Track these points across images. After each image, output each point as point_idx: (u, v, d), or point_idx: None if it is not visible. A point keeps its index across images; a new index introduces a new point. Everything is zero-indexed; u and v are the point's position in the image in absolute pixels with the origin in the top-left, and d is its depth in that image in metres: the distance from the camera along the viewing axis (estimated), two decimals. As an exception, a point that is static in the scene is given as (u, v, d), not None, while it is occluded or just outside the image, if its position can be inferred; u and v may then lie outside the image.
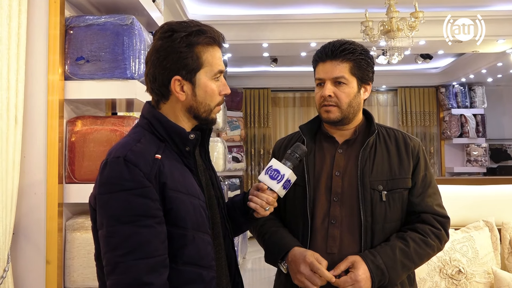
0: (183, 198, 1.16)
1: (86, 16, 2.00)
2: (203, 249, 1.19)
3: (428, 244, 1.46)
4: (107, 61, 1.96)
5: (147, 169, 1.12)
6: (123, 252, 1.08)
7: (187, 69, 1.20)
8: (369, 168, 1.48)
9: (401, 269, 1.42)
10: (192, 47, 1.19)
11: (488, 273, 2.14)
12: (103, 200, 1.12)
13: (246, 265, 5.81)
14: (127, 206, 1.09)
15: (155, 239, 1.10)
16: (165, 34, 1.20)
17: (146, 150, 1.16)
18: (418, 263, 1.47)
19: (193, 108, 1.24)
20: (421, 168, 1.53)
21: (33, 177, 1.90)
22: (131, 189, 1.10)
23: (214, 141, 4.55)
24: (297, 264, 1.41)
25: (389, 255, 1.40)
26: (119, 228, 1.09)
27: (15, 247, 1.87)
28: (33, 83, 1.91)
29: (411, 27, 4.36)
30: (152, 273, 1.08)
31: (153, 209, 1.11)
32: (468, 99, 8.17)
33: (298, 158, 1.39)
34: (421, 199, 1.50)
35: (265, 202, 1.33)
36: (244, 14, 5.48)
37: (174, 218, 1.14)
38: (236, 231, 1.47)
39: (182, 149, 1.22)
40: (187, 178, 1.20)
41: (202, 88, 1.23)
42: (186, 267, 1.16)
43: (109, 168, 1.13)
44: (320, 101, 1.53)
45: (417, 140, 1.59)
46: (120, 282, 1.08)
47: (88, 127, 1.96)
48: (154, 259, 1.09)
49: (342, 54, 1.50)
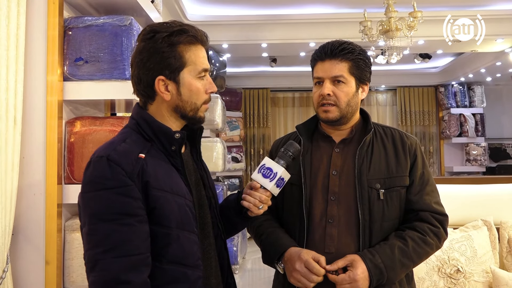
0: (167, 197, 1.16)
1: (85, 17, 2.00)
2: (188, 248, 1.19)
3: (427, 242, 1.46)
4: (106, 62, 1.97)
5: (130, 168, 1.13)
6: (103, 249, 1.09)
7: (170, 69, 1.21)
8: (366, 167, 1.49)
9: (399, 268, 1.42)
10: (174, 47, 1.20)
11: (487, 272, 2.14)
12: (85, 198, 1.14)
13: (246, 265, 5.81)
14: (108, 204, 1.11)
15: (136, 238, 1.11)
16: (147, 35, 1.21)
17: (130, 149, 1.17)
18: (417, 261, 1.47)
19: (179, 107, 1.25)
20: (419, 166, 1.53)
21: (32, 178, 1.91)
22: (113, 188, 1.11)
23: (213, 141, 4.55)
24: (293, 263, 1.41)
25: (388, 255, 1.40)
26: (100, 226, 1.10)
27: (14, 247, 1.87)
28: (32, 84, 1.91)
29: (410, 26, 4.36)
30: (131, 271, 1.09)
31: (135, 207, 1.12)
32: (467, 99, 8.18)
33: (291, 156, 1.39)
34: (419, 197, 1.50)
35: (258, 201, 1.33)
36: (243, 14, 5.48)
37: (157, 217, 1.15)
38: (231, 230, 1.47)
39: (168, 148, 1.22)
40: (173, 177, 1.21)
41: (186, 87, 1.23)
42: (170, 266, 1.16)
43: (92, 167, 1.15)
44: (318, 100, 1.53)
45: (414, 138, 1.59)
46: (100, 280, 1.09)
47: (87, 128, 1.96)
48: (134, 257, 1.10)
49: (341, 53, 1.50)
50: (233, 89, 7.95)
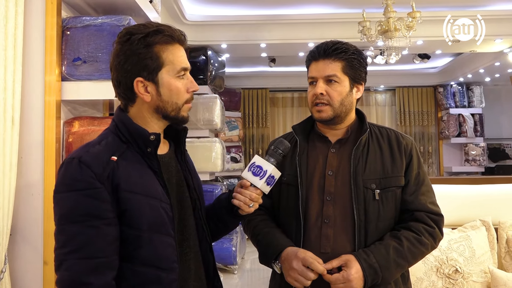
0: (139, 199, 1.16)
1: (83, 17, 2.00)
2: (162, 250, 1.18)
3: (422, 242, 1.46)
4: (104, 62, 1.97)
5: (99, 170, 1.13)
6: (67, 250, 1.10)
7: (148, 70, 1.20)
8: (361, 167, 1.49)
9: (394, 268, 1.42)
10: (151, 47, 1.20)
11: (485, 272, 2.14)
12: (56, 199, 1.15)
13: (245, 265, 5.80)
14: (76, 206, 1.11)
15: (101, 240, 1.11)
16: (123, 38, 1.21)
17: (102, 151, 1.17)
18: (412, 262, 1.48)
19: (160, 107, 1.24)
20: (414, 166, 1.53)
21: (30, 178, 1.90)
22: (81, 190, 1.11)
23: (212, 141, 4.55)
24: (290, 261, 1.41)
25: (383, 254, 1.40)
26: (67, 227, 1.11)
27: (12, 248, 1.87)
28: (30, 84, 1.91)
29: (409, 27, 4.36)
30: (92, 273, 1.09)
31: (102, 210, 1.12)
32: (466, 99, 8.18)
33: (281, 153, 1.39)
34: (415, 197, 1.50)
35: (249, 199, 1.33)
36: (242, 14, 5.48)
37: (128, 219, 1.15)
38: (223, 230, 1.47)
39: (144, 150, 1.22)
40: (148, 180, 1.20)
41: (166, 87, 1.22)
42: (142, 268, 1.16)
43: (64, 168, 1.16)
44: (312, 99, 1.54)
45: (410, 139, 1.59)
46: (63, 279, 1.10)
47: (85, 128, 1.96)
48: (98, 260, 1.10)
49: (334, 53, 1.51)
50: (232, 89, 7.94)
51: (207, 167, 4.56)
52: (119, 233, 1.15)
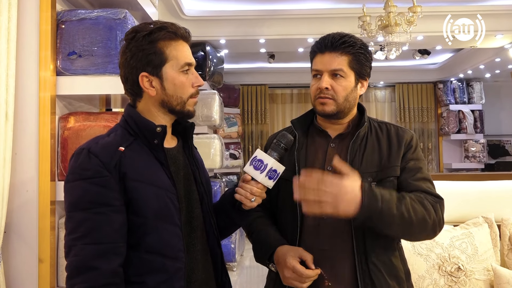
0: (145, 188, 1.20)
1: (78, 10, 1.96)
2: (167, 239, 1.22)
3: (424, 205, 1.36)
4: (100, 56, 1.93)
5: (107, 159, 1.18)
6: (76, 236, 1.14)
7: (152, 65, 1.25)
8: (358, 160, 1.44)
9: (395, 209, 1.30)
10: (154, 43, 1.25)
11: (488, 270, 2.11)
12: (66, 188, 1.20)
13: (244, 262, 5.78)
14: (84, 193, 1.16)
15: (107, 226, 1.15)
16: (129, 36, 1.27)
17: (110, 143, 1.22)
18: (413, 217, 1.33)
19: (165, 102, 1.28)
20: (410, 156, 1.47)
21: (24, 175, 1.87)
22: (89, 178, 1.16)
23: (211, 138, 4.51)
24: (281, 269, 1.39)
25: (386, 192, 1.32)
26: (75, 214, 1.16)
27: (6, 245, 1.84)
28: (24, 78, 1.87)
29: (409, 22, 4.32)
30: (100, 258, 1.13)
31: (109, 198, 1.16)
32: (466, 95, 8.15)
33: (284, 147, 1.37)
34: (412, 180, 1.43)
35: (249, 193, 1.31)
36: (240, 10, 5.43)
37: (135, 207, 1.19)
38: (231, 226, 1.47)
39: (151, 142, 1.26)
40: (154, 170, 1.24)
41: (170, 81, 1.27)
42: (148, 256, 1.20)
43: (74, 158, 1.21)
44: (316, 93, 1.49)
45: (410, 132, 1.53)
46: (72, 264, 1.14)
47: (81, 124, 1.93)
48: (104, 245, 1.14)
49: (341, 46, 1.46)
50: (231, 85, 7.91)
51: (206, 164, 4.49)
52: (126, 221, 1.19)
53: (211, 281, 1.34)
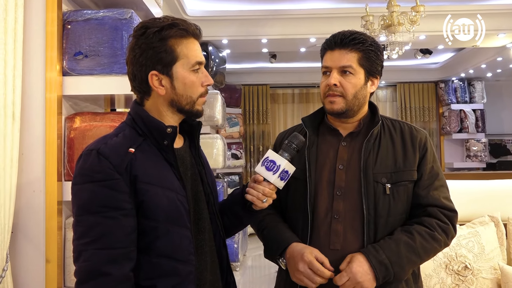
0: (156, 191, 1.17)
1: (84, 10, 1.96)
2: (178, 242, 1.19)
3: (435, 238, 1.41)
4: (106, 56, 1.93)
5: (118, 162, 1.14)
6: (86, 240, 1.11)
7: (162, 63, 1.21)
8: (372, 160, 1.44)
9: (406, 264, 1.37)
10: (165, 41, 1.20)
11: (495, 268, 2.11)
12: (74, 190, 1.16)
13: (247, 262, 5.78)
14: (94, 196, 1.13)
15: (119, 231, 1.12)
16: (139, 31, 1.22)
17: (120, 144, 1.18)
18: (424, 258, 1.42)
19: (174, 101, 1.25)
20: (428, 160, 1.48)
21: (31, 175, 1.87)
22: (100, 181, 1.13)
23: (213, 138, 4.51)
24: (296, 262, 1.37)
25: (393, 250, 1.35)
26: (85, 218, 1.12)
27: (14, 246, 1.84)
28: (30, 79, 1.87)
29: (412, 21, 4.32)
30: (111, 264, 1.10)
31: (120, 201, 1.13)
32: (467, 94, 8.15)
33: (296, 148, 1.36)
34: (428, 191, 1.45)
35: (262, 194, 1.30)
36: (243, 10, 5.44)
37: (145, 210, 1.16)
38: (237, 225, 1.46)
39: (160, 143, 1.22)
40: (164, 172, 1.21)
41: (180, 80, 1.23)
42: (159, 260, 1.17)
43: (83, 159, 1.17)
44: (325, 90, 1.48)
45: (424, 132, 1.54)
46: (83, 270, 1.11)
47: (87, 124, 1.93)
48: (116, 250, 1.11)
49: (351, 43, 1.45)
50: (233, 85, 7.91)
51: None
52: (137, 224, 1.16)
53: (218, 282, 1.33)
